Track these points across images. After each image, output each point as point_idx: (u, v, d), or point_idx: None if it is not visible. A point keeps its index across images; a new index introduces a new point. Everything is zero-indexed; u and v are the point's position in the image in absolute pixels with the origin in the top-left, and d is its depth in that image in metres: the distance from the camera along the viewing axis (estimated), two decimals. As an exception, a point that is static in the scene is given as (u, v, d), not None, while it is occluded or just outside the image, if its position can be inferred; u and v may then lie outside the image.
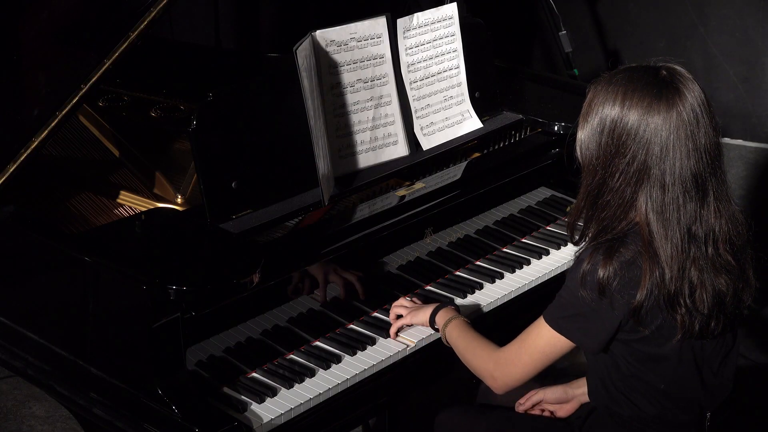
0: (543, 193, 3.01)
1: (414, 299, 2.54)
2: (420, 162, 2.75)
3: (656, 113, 2.04)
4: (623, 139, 2.06)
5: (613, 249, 2.07)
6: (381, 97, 2.69)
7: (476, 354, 2.31)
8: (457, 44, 2.87)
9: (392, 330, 2.46)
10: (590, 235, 2.15)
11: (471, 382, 2.65)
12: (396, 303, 2.52)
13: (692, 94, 2.06)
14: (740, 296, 2.16)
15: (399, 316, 2.49)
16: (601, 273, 2.06)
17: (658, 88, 2.05)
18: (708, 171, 2.07)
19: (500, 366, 2.25)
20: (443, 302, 2.49)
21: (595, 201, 2.13)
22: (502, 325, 2.65)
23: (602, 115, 2.08)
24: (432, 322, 2.42)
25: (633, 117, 2.05)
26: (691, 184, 2.05)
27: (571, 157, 2.20)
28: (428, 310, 2.44)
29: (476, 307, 2.60)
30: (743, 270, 2.16)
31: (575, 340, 2.15)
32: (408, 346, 2.45)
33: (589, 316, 2.11)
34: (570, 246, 2.86)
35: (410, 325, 2.48)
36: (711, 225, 2.09)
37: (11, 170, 2.45)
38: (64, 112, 2.41)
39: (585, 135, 2.12)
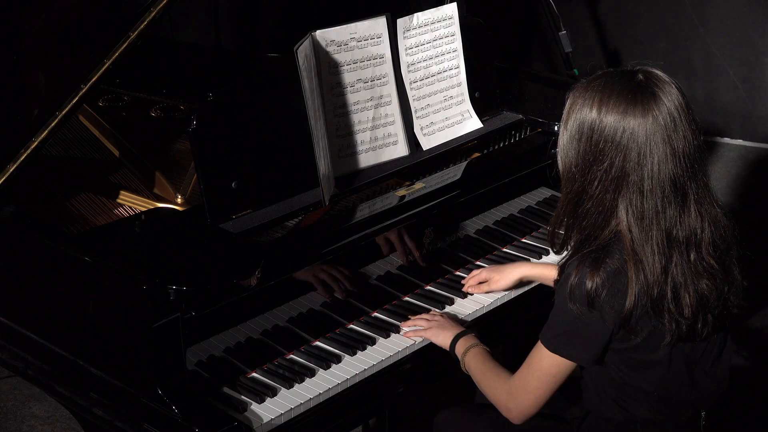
0: (543, 193, 3.01)
1: (434, 311, 2.54)
2: (420, 162, 2.75)
3: (632, 118, 2.03)
4: (601, 145, 2.05)
5: (599, 260, 2.07)
6: (381, 97, 2.69)
7: (491, 386, 2.30)
8: (457, 44, 2.87)
9: (408, 335, 2.47)
10: (572, 243, 2.15)
11: (471, 382, 2.65)
12: (419, 317, 2.51)
13: (669, 98, 2.05)
14: (726, 297, 2.16)
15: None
16: (588, 285, 2.05)
17: (633, 93, 2.04)
18: (687, 175, 2.06)
19: (513, 396, 2.24)
20: (465, 330, 2.46)
21: (575, 209, 2.12)
22: (502, 325, 2.65)
23: (580, 121, 2.08)
24: (452, 349, 2.42)
25: (609, 122, 2.04)
26: (669, 188, 2.04)
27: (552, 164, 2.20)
28: (449, 334, 2.43)
29: (477, 308, 2.61)
30: (728, 271, 2.15)
31: (571, 358, 2.15)
32: (415, 342, 2.45)
33: (581, 330, 2.11)
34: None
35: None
36: (692, 229, 2.08)
37: (11, 170, 2.45)
38: (64, 112, 2.41)
39: (564, 141, 2.13)
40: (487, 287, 2.63)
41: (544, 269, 2.61)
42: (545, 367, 2.17)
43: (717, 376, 2.24)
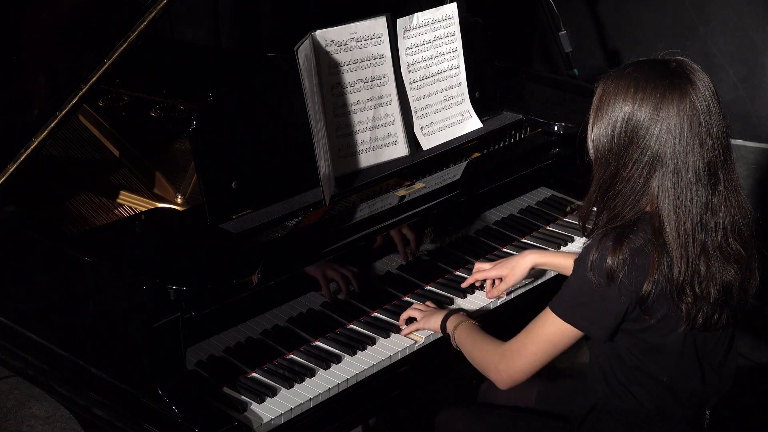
0: (543, 193, 3.01)
1: (428, 303, 2.54)
2: (420, 162, 2.75)
3: (670, 103, 2.05)
4: (637, 130, 2.07)
5: (622, 235, 2.08)
6: (381, 97, 2.69)
7: (482, 349, 2.30)
8: (457, 44, 2.87)
9: (404, 333, 2.47)
10: (601, 224, 2.15)
11: (471, 382, 2.66)
12: (411, 307, 2.52)
13: (703, 84, 2.08)
14: (746, 287, 2.17)
15: (411, 320, 2.49)
16: (610, 261, 2.06)
17: (670, 79, 2.07)
18: (720, 159, 2.09)
19: (505, 357, 2.23)
20: (454, 309, 2.47)
21: (606, 192, 2.13)
22: (501, 325, 2.65)
23: (615, 109, 2.09)
24: (443, 328, 2.42)
25: (647, 108, 2.06)
26: (704, 172, 2.06)
27: (583, 155, 2.20)
28: (439, 316, 2.44)
29: (476, 307, 2.60)
30: (750, 260, 2.17)
31: (583, 329, 2.15)
32: (416, 342, 2.45)
33: (597, 303, 2.11)
34: (570, 246, 2.86)
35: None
36: (721, 214, 2.10)
37: (11, 170, 2.45)
38: (64, 112, 2.41)
39: (598, 129, 2.13)
40: (505, 285, 2.60)
41: (555, 257, 2.58)
42: (548, 333, 2.17)
43: (724, 373, 2.25)
